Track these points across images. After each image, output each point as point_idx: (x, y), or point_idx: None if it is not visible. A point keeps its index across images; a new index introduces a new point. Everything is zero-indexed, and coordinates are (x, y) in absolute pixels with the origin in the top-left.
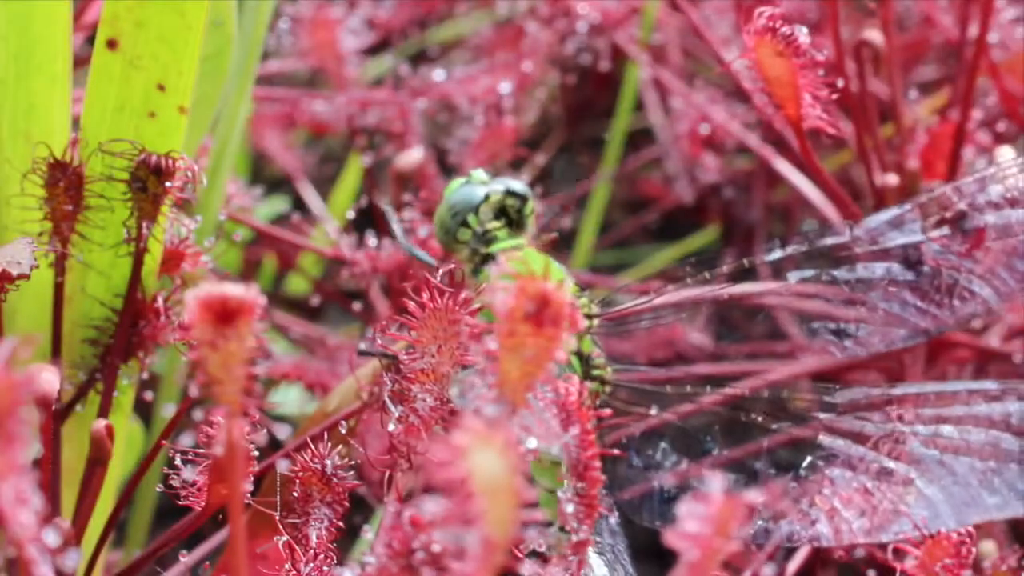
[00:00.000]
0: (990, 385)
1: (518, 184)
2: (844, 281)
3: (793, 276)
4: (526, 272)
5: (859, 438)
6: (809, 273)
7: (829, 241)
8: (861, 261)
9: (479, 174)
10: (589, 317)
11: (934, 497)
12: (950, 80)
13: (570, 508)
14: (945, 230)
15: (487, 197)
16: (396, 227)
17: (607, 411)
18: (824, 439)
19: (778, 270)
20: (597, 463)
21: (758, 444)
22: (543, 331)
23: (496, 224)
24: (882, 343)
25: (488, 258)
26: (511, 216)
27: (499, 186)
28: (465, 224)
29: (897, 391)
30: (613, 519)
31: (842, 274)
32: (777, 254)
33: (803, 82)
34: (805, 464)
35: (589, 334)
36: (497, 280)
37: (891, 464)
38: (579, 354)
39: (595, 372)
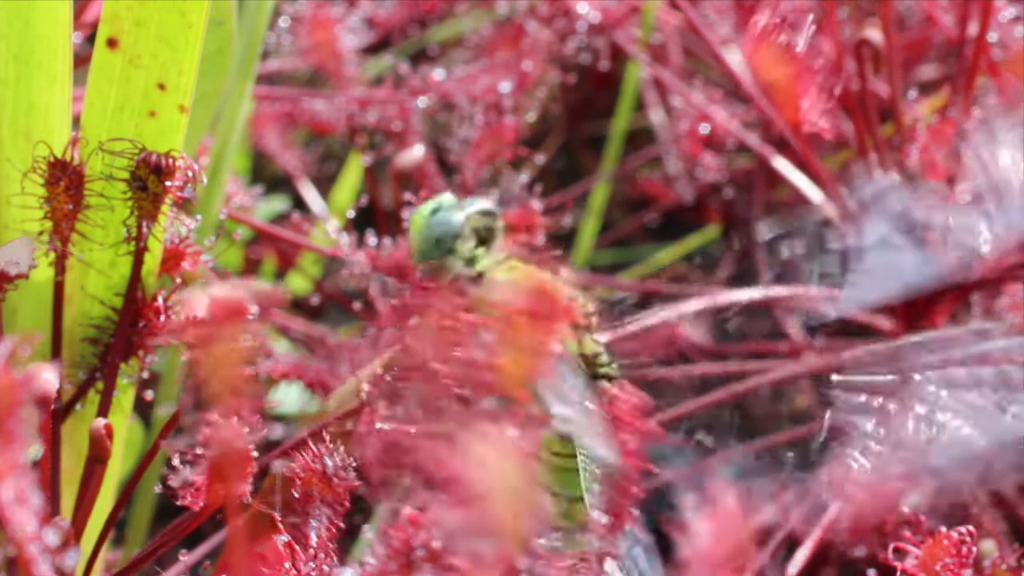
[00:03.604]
0: (993, 325)
1: (486, 202)
2: (839, 249)
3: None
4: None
5: (873, 392)
6: (802, 246)
7: (821, 214)
8: (855, 228)
9: (448, 199)
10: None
11: (956, 428)
12: (950, 79)
13: (596, 516)
14: None
15: (467, 219)
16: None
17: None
18: (838, 398)
19: (771, 249)
20: (634, 476)
21: (770, 434)
22: (540, 325)
23: (473, 244)
24: (878, 299)
25: (476, 278)
26: (482, 235)
27: (472, 208)
28: (451, 251)
29: (901, 342)
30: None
31: (836, 243)
32: (769, 233)
33: (801, 86)
34: (824, 431)
35: (589, 333)
36: (496, 277)
37: (909, 411)
38: (583, 355)
39: (601, 370)
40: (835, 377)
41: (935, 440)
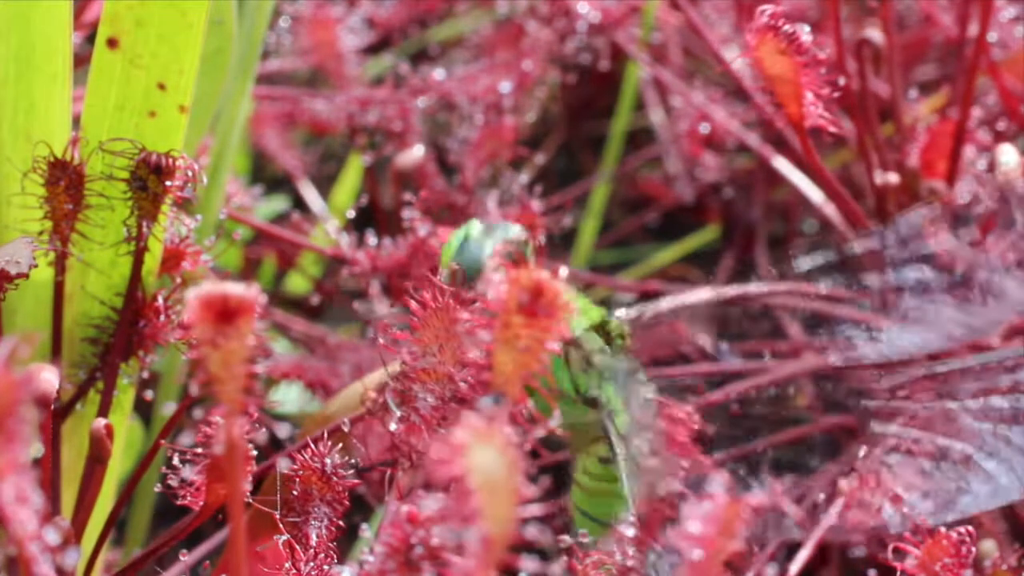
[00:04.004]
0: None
1: (515, 227)
2: (877, 289)
3: (824, 284)
4: (519, 261)
5: (911, 421)
6: (840, 280)
7: (858, 248)
8: (893, 267)
9: (476, 227)
10: (622, 337)
11: (994, 470)
12: (950, 79)
13: (630, 532)
14: (974, 228)
15: (494, 250)
16: None
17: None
18: (876, 426)
19: (808, 281)
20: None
21: (808, 438)
22: (537, 322)
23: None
24: (917, 348)
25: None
26: (513, 259)
27: (500, 235)
28: (480, 280)
29: (941, 368)
30: None
31: (874, 281)
32: (807, 264)
33: (805, 80)
34: (860, 454)
35: (623, 352)
36: (491, 273)
37: (946, 443)
38: (593, 326)
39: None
40: (874, 404)
41: (967, 485)
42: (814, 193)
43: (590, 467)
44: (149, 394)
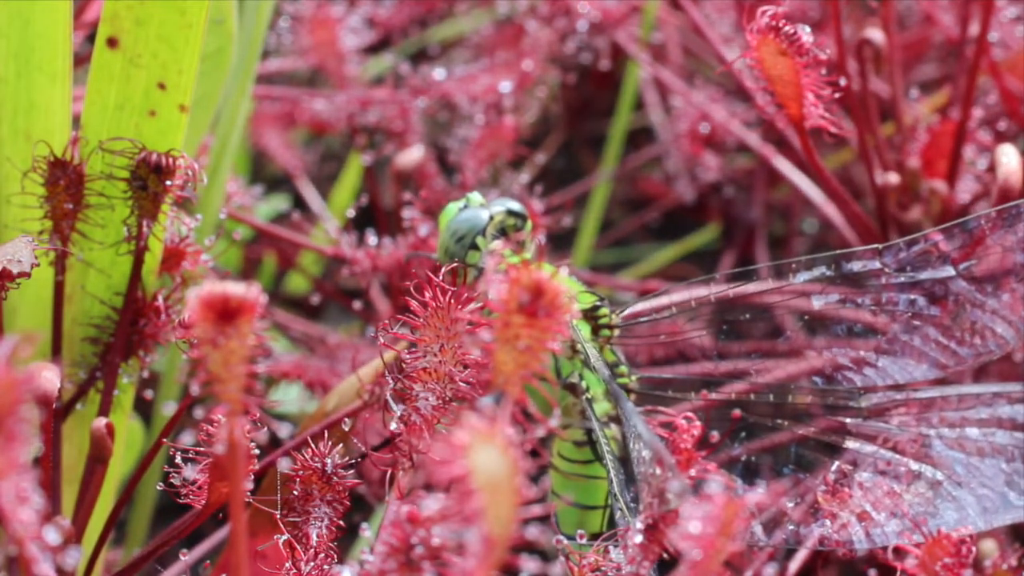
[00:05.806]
0: (1013, 387)
1: (516, 204)
2: (868, 310)
3: (817, 301)
4: (520, 263)
5: (886, 442)
6: (834, 299)
7: (856, 267)
8: (886, 291)
9: (476, 196)
10: (609, 328)
11: (963, 499)
12: (951, 79)
13: (638, 539)
14: (972, 262)
15: (491, 218)
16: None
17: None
18: (851, 443)
19: (803, 293)
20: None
21: (785, 449)
22: (538, 321)
23: (499, 244)
24: (900, 375)
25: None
26: (510, 236)
27: (499, 207)
28: (474, 247)
29: (921, 395)
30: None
31: (866, 302)
32: (803, 276)
33: (805, 81)
34: (834, 468)
35: (609, 344)
36: (492, 273)
37: (918, 467)
38: (583, 310)
39: (619, 381)
40: (851, 421)
41: (935, 510)
42: (814, 193)
43: (565, 451)
44: (149, 394)
